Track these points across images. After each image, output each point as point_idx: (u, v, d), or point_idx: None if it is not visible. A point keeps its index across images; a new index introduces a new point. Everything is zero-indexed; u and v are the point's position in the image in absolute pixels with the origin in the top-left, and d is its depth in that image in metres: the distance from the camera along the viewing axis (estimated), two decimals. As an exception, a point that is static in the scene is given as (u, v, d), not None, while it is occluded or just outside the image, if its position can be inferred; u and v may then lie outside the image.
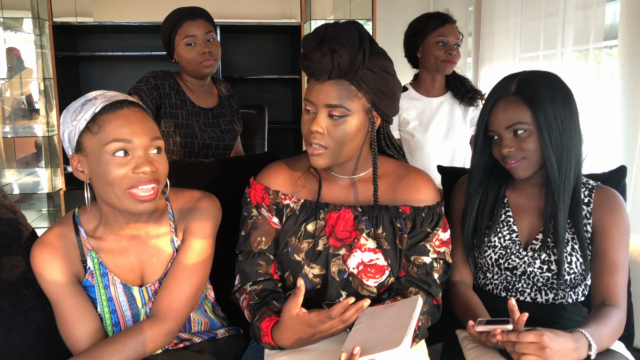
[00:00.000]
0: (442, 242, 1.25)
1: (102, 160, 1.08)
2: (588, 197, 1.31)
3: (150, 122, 1.14)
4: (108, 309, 1.21)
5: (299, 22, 3.58)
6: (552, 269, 1.29)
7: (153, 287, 1.22)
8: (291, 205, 1.27)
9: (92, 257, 1.19)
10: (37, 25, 3.40)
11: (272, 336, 1.12)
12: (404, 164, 1.32)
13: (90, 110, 1.10)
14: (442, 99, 2.24)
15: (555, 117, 1.21)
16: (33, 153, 3.57)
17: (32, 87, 3.49)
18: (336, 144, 1.17)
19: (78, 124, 1.10)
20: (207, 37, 1.98)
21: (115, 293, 1.20)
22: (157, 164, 1.12)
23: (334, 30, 1.13)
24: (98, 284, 1.20)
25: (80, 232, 1.20)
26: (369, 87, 1.15)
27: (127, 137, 1.08)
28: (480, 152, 1.33)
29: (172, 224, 1.24)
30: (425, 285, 1.22)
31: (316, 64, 1.12)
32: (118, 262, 1.21)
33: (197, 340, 1.29)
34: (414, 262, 1.23)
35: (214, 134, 2.07)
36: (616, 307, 1.21)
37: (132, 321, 1.23)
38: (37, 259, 1.17)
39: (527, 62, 2.83)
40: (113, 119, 1.09)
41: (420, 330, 1.16)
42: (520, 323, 1.07)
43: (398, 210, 1.23)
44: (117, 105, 1.11)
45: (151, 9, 3.42)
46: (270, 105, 3.72)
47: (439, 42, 2.14)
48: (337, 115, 1.15)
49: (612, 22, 2.28)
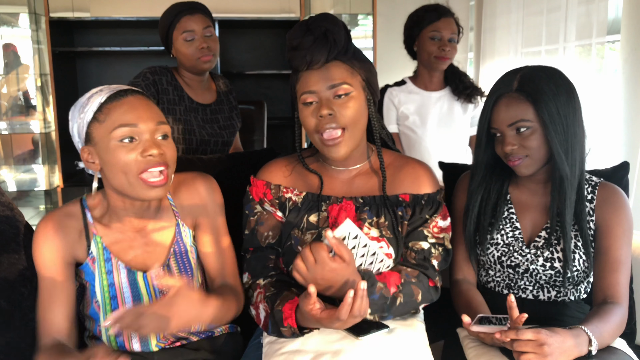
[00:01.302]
0: (441, 229, 1.25)
1: (110, 147, 1.11)
2: (591, 193, 1.30)
3: (155, 108, 1.16)
4: (108, 294, 1.20)
5: (298, 16, 3.56)
6: (555, 267, 1.28)
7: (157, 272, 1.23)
8: (293, 198, 1.28)
9: (97, 241, 1.20)
10: (34, 21, 3.38)
11: (296, 318, 1.10)
12: (402, 155, 1.34)
13: (97, 100, 1.13)
14: (441, 93, 2.23)
15: (558, 114, 1.20)
16: (30, 150, 3.55)
17: (28, 83, 3.47)
18: (351, 122, 1.19)
19: (85, 116, 1.13)
20: (205, 32, 1.96)
21: (118, 279, 1.20)
22: (164, 148, 1.14)
23: (314, 18, 1.20)
24: (100, 269, 1.20)
25: (87, 216, 1.21)
26: (360, 65, 1.21)
27: (132, 122, 1.11)
28: (483, 149, 1.32)
29: (174, 209, 1.26)
30: (421, 267, 1.22)
31: (311, 49, 1.16)
32: (122, 247, 1.21)
33: (195, 339, 1.28)
34: (412, 247, 1.23)
35: (213, 130, 2.05)
36: (618, 304, 1.21)
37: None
38: (39, 232, 1.18)
39: (529, 57, 2.82)
40: (118, 106, 1.12)
41: (403, 289, 1.16)
42: (519, 323, 1.06)
43: (398, 199, 1.24)
44: (121, 93, 1.14)
45: (149, 3, 3.40)
46: (269, 101, 3.70)
47: (433, 37, 2.11)
48: (342, 93, 1.18)
49: (614, 17, 2.27)
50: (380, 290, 1.13)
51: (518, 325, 1.06)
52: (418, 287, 1.19)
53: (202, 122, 2.03)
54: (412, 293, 1.17)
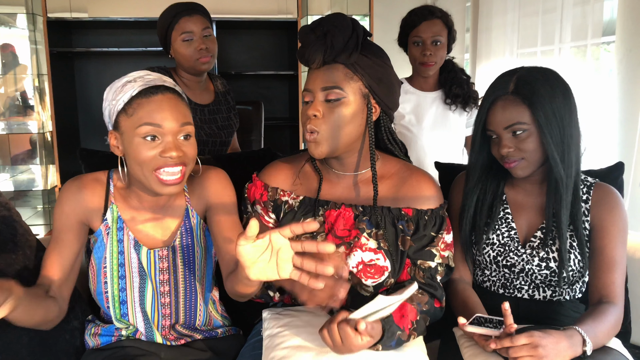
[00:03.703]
0: (447, 245, 1.25)
1: (133, 141, 1.15)
2: (586, 194, 1.31)
3: (182, 108, 1.19)
4: (117, 261, 1.25)
5: (296, 17, 3.56)
6: (550, 267, 1.28)
7: (161, 252, 1.26)
8: (290, 202, 1.27)
9: (113, 209, 1.26)
10: (31, 21, 3.37)
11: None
12: (408, 164, 1.31)
13: (129, 92, 1.16)
14: (436, 94, 2.22)
15: (554, 115, 1.20)
16: (28, 150, 3.55)
17: (26, 83, 3.47)
18: (331, 128, 1.17)
19: (117, 104, 1.17)
20: (204, 33, 1.96)
21: (127, 249, 1.25)
22: (185, 149, 1.18)
23: (329, 17, 1.18)
24: (112, 236, 1.25)
25: (110, 185, 1.27)
26: (365, 71, 1.17)
27: (157, 122, 1.14)
28: (479, 150, 1.32)
29: (186, 194, 1.31)
30: (431, 289, 1.22)
31: (311, 47, 1.16)
32: (135, 221, 1.27)
33: (198, 337, 1.31)
34: (420, 266, 1.23)
35: (211, 130, 2.06)
36: (613, 304, 1.20)
37: (139, 287, 1.26)
38: (64, 188, 1.25)
39: (525, 58, 2.83)
40: (146, 104, 1.15)
41: (417, 325, 1.16)
42: (510, 332, 1.06)
43: (400, 212, 1.23)
44: (152, 90, 1.17)
45: (147, 4, 3.39)
46: (267, 102, 3.70)
47: (415, 42, 2.08)
48: (333, 98, 1.16)
49: (609, 18, 2.28)
50: (398, 336, 1.12)
51: (510, 332, 1.06)
52: (428, 315, 1.20)
53: (200, 122, 2.03)
54: (423, 324, 1.18)
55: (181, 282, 1.28)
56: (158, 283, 1.26)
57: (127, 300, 1.26)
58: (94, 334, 1.30)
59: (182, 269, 1.28)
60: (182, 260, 1.27)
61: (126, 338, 1.28)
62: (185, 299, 1.29)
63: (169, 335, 1.28)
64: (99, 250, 1.25)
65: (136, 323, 1.27)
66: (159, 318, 1.27)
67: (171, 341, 1.28)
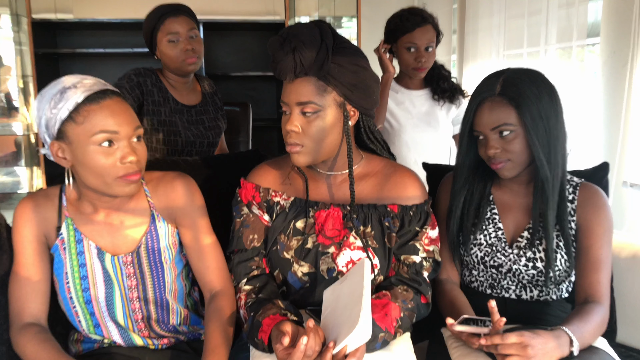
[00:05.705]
0: (431, 240, 1.25)
1: (88, 150, 1.12)
2: (572, 194, 1.32)
3: (131, 111, 1.18)
4: (79, 274, 1.22)
5: (283, 19, 3.55)
6: (537, 267, 1.29)
7: (125, 259, 1.23)
8: (281, 203, 1.28)
9: (68, 223, 1.23)
10: (16, 22, 3.33)
11: (270, 335, 1.08)
12: (391, 162, 1.32)
13: (72, 99, 1.12)
14: (422, 92, 2.23)
15: (541, 117, 1.21)
16: (12, 152, 3.49)
17: (10, 84, 3.42)
18: (313, 141, 1.18)
19: (59, 113, 1.12)
20: (190, 34, 1.95)
21: (90, 260, 1.22)
22: (138, 152, 1.17)
23: (295, 29, 1.16)
24: (70, 250, 1.22)
25: (62, 198, 1.24)
26: (338, 81, 1.16)
27: (113, 129, 1.12)
28: (465, 151, 1.33)
29: (149, 201, 1.27)
30: (416, 284, 1.22)
31: (281, 64, 1.15)
32: (94, 230, 1.24)
33: (182, 338, 1.30)
34: (404, 261, 1.23)
35: (198, 131, 2.04)
36: (599, 303, 1.21)
37: (105, 297, 1.23)
38: (17, 210, 1.22)
39: (511, 60, 2.85)
40: (98, 110, 1.12)
41: (402, 322, 1.16)
42: (499, 326, 1.07)
43: (386, 209, 1.23)
44: (99, 95, 1.13)
45: (133, 5, 3.37)
46: (255, 103, 3.69)
47: (409, 47, 2.09)
48: (309, 112, 1.16)
49: (594, 20, 2.30)
50: (382, 338, 1.11)
51: (498, 329, 1.07)
52: (414, 312, 1.20)
53: (187, 123, 2.02)
54: (408, 321, 1.18)
55: (150, 286, 1.25)
56: (127, 289, 1.24)
57: (95, 312, 1.23)
58: (76, 340, 1.28)
59: (150, 273, 1.25)
60: (148, 265, 1.25)
61: (108, 345, 1.26)
62: (155, 303, 1.26)
63: (150, 334, 1.27)
64: (58, 267, 1.22)
65: (110, 335, 1.25)
66: (132, 323, 1.25)
67: (153, 340, 1.26)
